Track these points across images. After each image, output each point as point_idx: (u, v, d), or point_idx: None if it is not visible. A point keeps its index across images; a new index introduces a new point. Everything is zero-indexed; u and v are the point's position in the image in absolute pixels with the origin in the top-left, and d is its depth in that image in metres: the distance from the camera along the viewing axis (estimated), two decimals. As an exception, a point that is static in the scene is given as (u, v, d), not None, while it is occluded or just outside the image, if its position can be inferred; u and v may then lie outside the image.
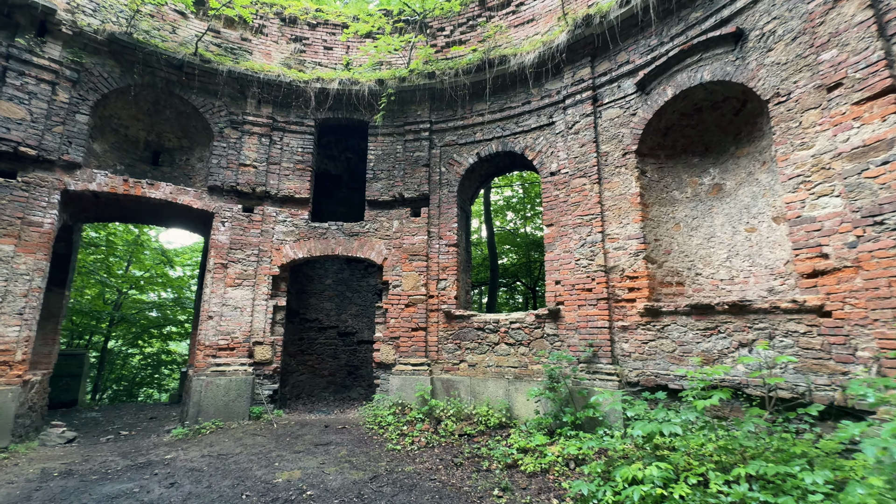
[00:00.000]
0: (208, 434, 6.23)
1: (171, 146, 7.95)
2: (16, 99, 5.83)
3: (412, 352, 7.19)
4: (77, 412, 9.03)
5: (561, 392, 5.60)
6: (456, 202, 7.63)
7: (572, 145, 6.57)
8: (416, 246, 7.54)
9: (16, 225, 5.71)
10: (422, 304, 7.31)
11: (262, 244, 7.49)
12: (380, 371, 7.41)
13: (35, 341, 6.93)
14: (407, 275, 7.46)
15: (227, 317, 7.07)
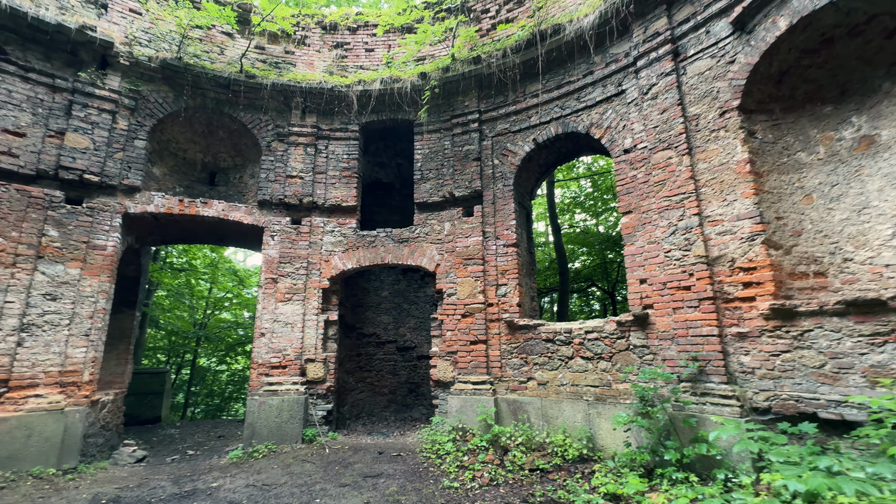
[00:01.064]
0: (260, 458, 5.90)
1: (226, 165, 8.08)
2: (80, 129, 6.13)
3: (472, 368, 6.34)
4: (159, 429, 9.43)
5: (658, 419, 4.39)
6: (513, 197, 6.74)
7: (650, 113, 5.39)
8: (471, 249, 6.74)
9: (81, 249, 5.93)
10: (480, 314, 6.46)
11: (310, 256, 7.21)
12: (438, 390, 6.65)
13: (109, 361, 7.23)
14: (462, 281, 6.68)
15: (279, 333, 6.81)
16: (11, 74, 5.77)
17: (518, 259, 6.56)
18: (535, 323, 6.12)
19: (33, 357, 5.40)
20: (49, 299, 5.61)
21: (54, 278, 5.68)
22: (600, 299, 14.98)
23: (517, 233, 6.67)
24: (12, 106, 5.74)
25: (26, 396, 5.29)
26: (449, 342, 6.60)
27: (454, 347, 6.53)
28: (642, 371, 4.66)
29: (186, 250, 14.21)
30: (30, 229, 5.62)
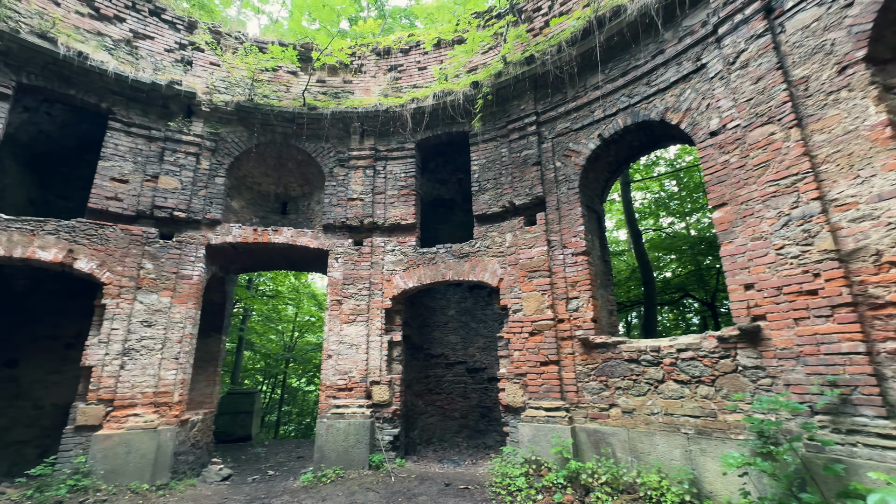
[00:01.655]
0: (327, 484, 5.81)
1: (296, 194, 8.53)
2: (170, 172, 6.85)
3: (543, 392, 5.70)
4: (249, 447, 9.99)
5: (786, 462, 3.42)
6: (579, 201, 6.09)
7: (741, 85, 4.51)
8: (535, 260, 6.19)
9: (171, 279, 6.51)
10: (549, 331, 5.83)
11: (372, 276, 7.19)
12: (508, 416, 6.08)
13: (199, 382, 7.79)
14: (527, 296, 6.13)
15: (344, 355, 6.81)
16: (118, 130, 6.66)
17: (590, 269, 5.86)
18: (614, 340, 5.33)
19: (132, 379, 5.96)
20: (145, 326, 6.19)
21: (150, 307, 6.28)
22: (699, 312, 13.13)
23: (587, 240, 5.99)
24: (118, 157, 6.60)
25: (127, 415, 5.81)
26: (517, 363, 6.04)
27: (523, 369, 5.95)
28: (758, 399, 3.71)
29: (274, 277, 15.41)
30: (131, 263, 6.32)
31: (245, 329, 15.65)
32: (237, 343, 15.66)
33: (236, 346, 15.66)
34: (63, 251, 5.91)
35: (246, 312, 15.79)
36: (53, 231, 5.92)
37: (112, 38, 7.00)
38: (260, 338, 16.11)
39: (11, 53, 5.86)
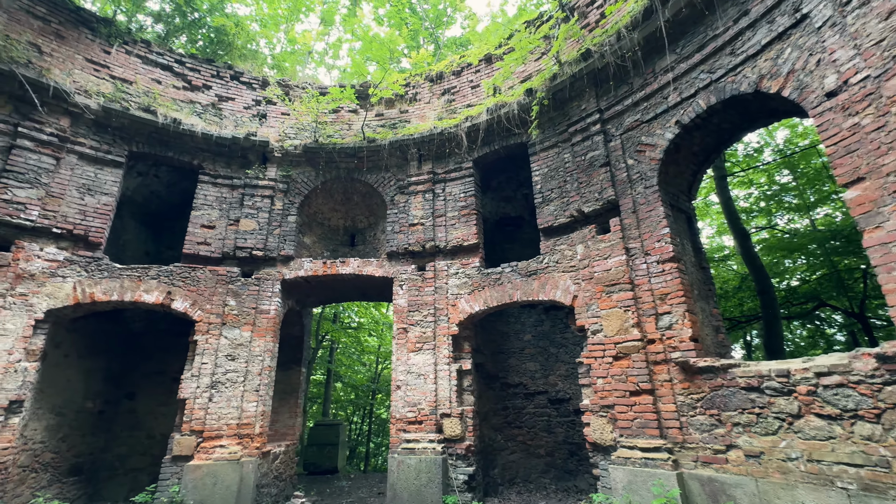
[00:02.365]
0: (399, 527, 5.43)
1: (363, 226, 8.74)
2: (249, 215, 7.42)
3: (637, 428, 4.78)
4: (335, 480, 10.05)
5: None
6: (660, 200, 5.25)
7: (864, 26, 3.53)
8: (613, 272, 5.41)
9: (251, 314, 6.90)
10: (637, 354, 4.95)
11: (437, 302, 6.92)
12: (596, 455, 5.21)
13: (281, 415, 8.04)
14: (607, 314, 5.33)
15: (412, 385, 6.53)
16: (206, 182, 7.44)
17: (681, 277, 4.92)
18: (724, 364, 4.31)
19: (219, 411, 6.29)
20: (229, 359, 6.57)
21: (233, 341, 6.68)
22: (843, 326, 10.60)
23: (674, 244, 5.08)
24: (206, 206, 7.33)
25: (214, 446, 6.10)
26: (601, 392, 5.20)
27: (609, 399, 5.10)
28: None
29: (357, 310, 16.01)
30: (217, 301, 6.83)
31: (333, 362, 16.33)
32: (326, 375, 16.35)
33: (325, 379, 16.35)
34: (163, 293, 6.59)
35: (333, 345, 16.51)
36: (155, 276, 6.65)
37: (201, 104, 7.98)
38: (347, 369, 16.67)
39: (123, 128, 6.90)
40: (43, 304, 5.85)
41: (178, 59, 7.97)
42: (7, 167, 5.90)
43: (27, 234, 5.94)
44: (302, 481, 9.92)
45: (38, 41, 6.61)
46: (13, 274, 5.68)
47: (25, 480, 5.95)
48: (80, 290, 6.11)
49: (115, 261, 7.14)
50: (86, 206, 6.45)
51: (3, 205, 5.77)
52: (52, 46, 6.73)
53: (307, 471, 10.71)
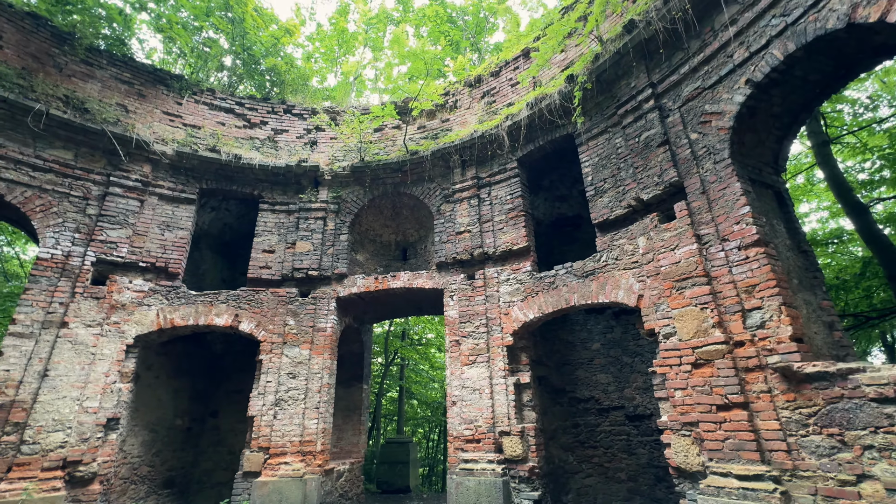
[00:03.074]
0: (458, 555, 5.03)
1: (413, 239, 8.70)
2: (304, 237, 7.74)
3: (730, 451, 3.93)
4: (407, 500, 9.87)
5: None
6: (735, 174, 4.43)
7: None
8: (682, 265, 4.64)
9: (309, 332, 7.10)
10: (722, 360, 4.12)
11: (488, 311, 6.54)
12: (683, 482, 4.39)
13: (346, 432, 8.10)
14: (680, 314, 4.56)
15: (467, 401, 6.17)
16: (265, 210, 7.93)
17: (772, 264, 4.05)
18: (841, 368, 3.39)
19: (282, 428, 6.47)
20: (290, 378, 6.78)
21: (293, 359, 6.89)
22: None
23: (759, 224, 4.22)
24: (267, 232, 7.79)
25: (279, 463, 6.26)
26: (681, 407, 4.41)
27: (692, 415, 4.30)
28: None
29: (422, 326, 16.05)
30: (278, 321, 7.14)
31: (404, 379, 16.44)
32: (398, 393, 16.49)
33: (398, 396, 16.49)
34: (231, 316, 7.05)
35: (403, 362, 16.66)
36: (224, 300, 7.15)
37: (259, 139, 8.62)
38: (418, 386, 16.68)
39: (194, 168, 7.64)
40: (132, 331, 6.54)
41: (238, 102, 8.73)
42: (102, 212, 6.77)
43: (119, 269, 6.73)
44: (375, 500, 9.90)
45: (125, 102, 7.63)
46: (108, 305, 6.44)
47: (126, 491, 6.58)
48: (162, 317, 6.75)
49: (195, 288, 7.85)
50: (165, 241, 7.17)
51: (100, 245, 6.61)
52: (135, 105, 7.73)
53: (380, 489, 10.69)
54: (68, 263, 6.33)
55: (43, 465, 5.45)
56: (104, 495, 5.95)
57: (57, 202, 6.51)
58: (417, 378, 16.85)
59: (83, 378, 5.97)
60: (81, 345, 6.09)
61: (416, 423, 19.59)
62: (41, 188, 6.43)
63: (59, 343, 5.95)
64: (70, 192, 6.65)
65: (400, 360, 16.78)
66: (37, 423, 5.56)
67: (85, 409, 5.89)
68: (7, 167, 6.23)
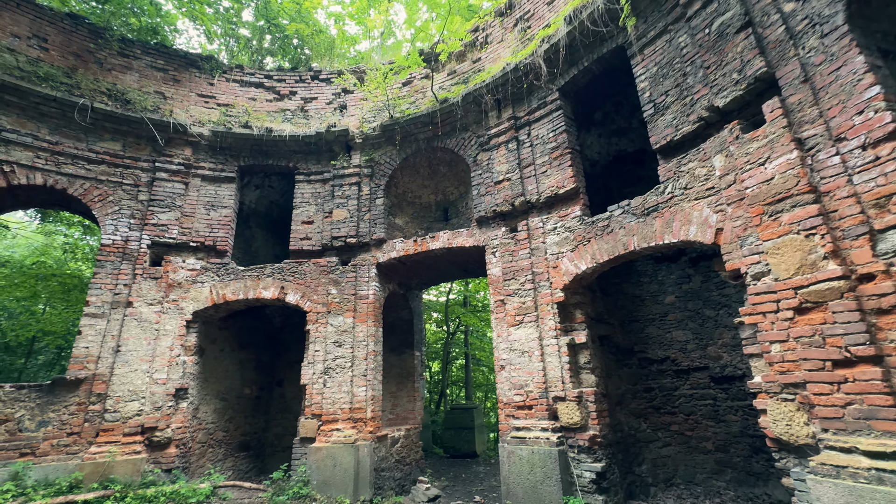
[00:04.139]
0: (511, 529, 4.61)
1: (454, 198, 8.09)
2: (340, 205, 7.52)
3: (854, 420, 2.94)
4: (474, 465, 9.74)
5: None
6: (854, 45, 3.18)
7: None
8: (777, 182, 3.52)
9: (351, 300, 6.94)
10: (840, 302, 3.06)
11: (534, 266, 5.81)
12: (785, 457, 3.46)
13: (400, 399, 7.99)
14: (775, 246, 3.50)
15: (516, 365, 5.60)
16: (302, 182, 7.81)
17: (919, 162, 2.84)
18: None
19: (332, 395, 6.46)
20: (336, 346, 6.71)
21: (338, 328, 6.80)
22: None
23: (895, 110, 2.98)
24: (305, 203, 7.69)
25: (331, 430, 6.27)
26: (780, 365, 3.43)
27: (795, 375, 3.31)
28: None
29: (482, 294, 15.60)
30: (322, 291, 7.07)
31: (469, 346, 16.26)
32: (465, 360, 16.39)
33: (465, 364, 16.40)
34: (277, 289, 7.11)
35: (467, 329, 16.44)
36: (270, 274, 7.23)
37: (290, 110, 8.45)
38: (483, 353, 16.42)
39: (230, 147, 7.69)
40: (190, 307, 6.85)
41: (266, 75, 8.60)
42: (152, 197, 7.08)
43: (172, 250, 7.04)
44: (442, 464, 9.91)
45: (161, 88, 7.83)
46: (165, 284, 6.78)
47: (205, 454, 7.09)
48: (214, 293, 6.99)
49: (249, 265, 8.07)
50: (211, 220, 7.36)
51: (153, 228, 6.94)
52: (171, 90, 7.90)
53: (447, 454, 10.69)
54: (127, 248, 6.73)
55: (124, 430, 5.96)
56: (182, 457, 6.43)
57: (112, 191, 6.90)
58: (481, 345, 16.58)
59: (150, 352, 6.39)
60: (146, 322, 6.49)
61: (486, 389, 19.50)
62: (97, 179, 6.83)
63: (126, 321, 6.39)
64: (122, 180, 7.01)
65: (464, 328, 16.59)
66: (115, 393, 6.06)
67: (155, 380, 6.33)
68: (66, 162, 6.68)
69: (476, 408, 11.14)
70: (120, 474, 5.64)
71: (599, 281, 6.39)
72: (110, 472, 5.60)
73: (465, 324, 15.84)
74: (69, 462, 5.60)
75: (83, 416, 5.89)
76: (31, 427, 5.63)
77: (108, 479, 5.50)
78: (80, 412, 5.88)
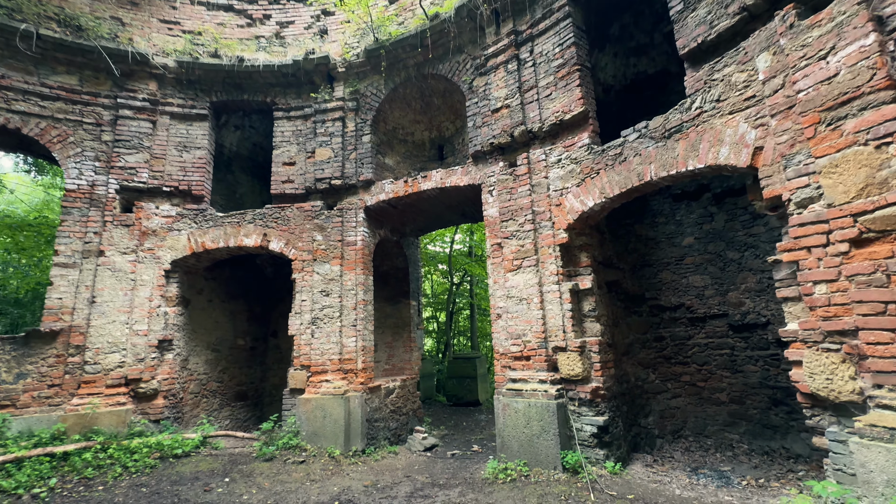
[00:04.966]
0: (505, 483, 4.32)
1: (450, 133, 7.31)
2: (323, 143, 6.81)
3: (920, 374, 2.36)
4: (477, 413, 9.66)
5: None
6: None
7: None
8: (842, 78, 2.73)
9: (338, 247, 6.43)
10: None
11: (535, 204, 5.15)
12: (820, 414, 2.95)
13: (396, 349, 7.70)
14: (831, 163, 2.77)
15: (513, 313, 5.10)
16: (281, 119, 7.07)
17: None
18: None
19: (321, 346, 6.13)
20: (324, 295, 6.29)
21: (324, 276, 6.35)
22: None
23: None
24: (285, 143, 7.00)
25: (321, 381, 6.00)
26: (825, 309, 2.82)
27: (844, 321, 2.72)
28: None
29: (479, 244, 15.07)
30: (307, 238, 6.56)
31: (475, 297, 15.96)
32: (470, 310, 16.16)
33: (470, 314, 16.19)
34: (259, 236, 6.62)
35: (473, 279, 16.08)
36: (251, 220, 6.71)
37: (265, 37, 7.52)
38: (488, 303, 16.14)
39: (200, 80, 6.91)
40: (167, 256, 6.44)
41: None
42: (117, 137, 6.46)
43: (144, 196, 6.52)
44: (444, 412, 9.85)
45: (118, 14, 6.95)
46: (139, 231, 6.33)
47: (199, 404, 6.99)
48: (193, 241, 6.54)
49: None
50: (184, 163, 6.76)
51: (121, 171, 6.38)
52: (130, 16, 7.02)
53: (451, 402, 10.64)
54: (94, 193, 6.22)
55: (106, 382, 5.76)
56: (173, 408, 6.29)
57: (72, 131, 6.29)
58: (486, 295, 16.27)
59: (128, 303, 6.07)
60: (120, 272, 6.12)
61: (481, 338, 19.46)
62: (54, 118, 6.20)
63: (99, 271, 6.02)
64: (82, 119, 6.37)
65: (469, 279, 16.23)
66: (94, 345, 5.81)
67: (135, 331, 6.05)
68: (16, 98, 6.04)
69: (479, 357, 10.95)
70: (105, 426, 5.50)
71: (609, 221, 5.73)
72: (94, 423, 5.45)
73: (471, 274, 15.45)
74: (52, 414, 5.46)
75: (63, 368, 5.68)
76: (9, 379, 5.45)
77: (91, 431, 5.36)
78: (59, 364, 5.67)
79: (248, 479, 4.75)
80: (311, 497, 4.27)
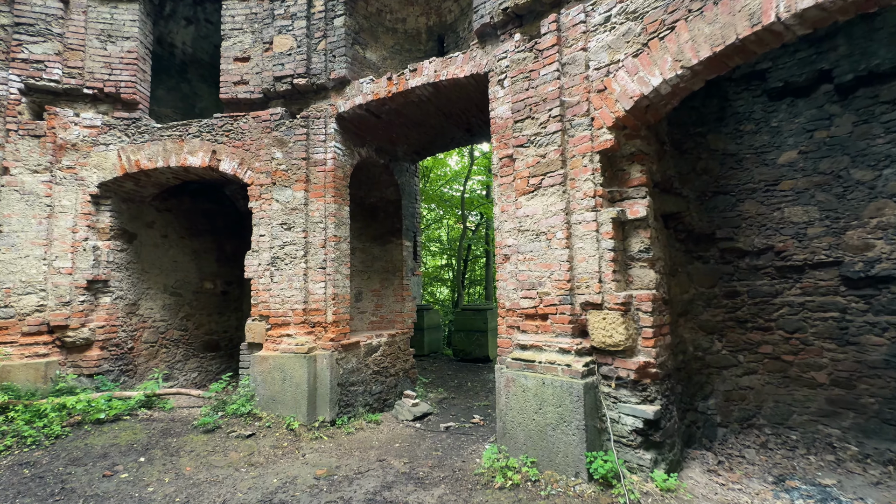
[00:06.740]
0: (504, 490, 3.04)
1: (452, 19, 5.44)
2: (283, 29, 5.12)
3: None
4: (486, 371, 8.50)
5: None
6: None
7: None
8: None
9: (302, 168, 4.95)
10: None
11: (565, 92, 3.43)
12: None
13: (385, 298, 6.40)
14: None
15: (526, 253, 3.57)
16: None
17: None
18: None
19: (282, 293, 4.85)
20: (285, 229, 4.92)
21: (286, 205, 4.94)
22: None
23: None
24: (237, 31, 5.35)
25: (280, 335, 4.79)
26: None
27: None
28: None
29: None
30: (265, 156, 5.09)
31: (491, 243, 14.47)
32: (485, 258, 14.76)
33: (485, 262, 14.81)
34: (208, 154, 5.19)
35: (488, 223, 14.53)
36: (197, 133, 5.25)
37: None
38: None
39: (120, -59, 5.20)
40: (93, 177, 5.13)
41: None
42: (16, 19, 4.96)
43: (61, 99, 5.13)
44: (449, 368, 8.76)
45: None
46: (53, 145, 4.99)
47: (157, 355, 6.00)
48: (124, 158, 5.18)
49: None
50: (110, 58, 5.25)
51: (24, 65, 4.95)
52: None
53: (456, 357, 9.53)
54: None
55: (22, 329, 4.71)
56: (118, 360, 5.29)
57: (-45, 9, 4.82)
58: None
59: (44, 234, 4.87)
60: (31, 195, 4.87)
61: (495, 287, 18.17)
62: (-72, -10, 4.73)
63: (4, 193, 4.79)
64: (-31, -7, 4.86)
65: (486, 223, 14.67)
66: (3, 284, 4.71)
67: (56, 269, 4.90)
68: None
69: (491, 308, 9.62)
70: (20, 381, 4.51)
71: (671, 127, 3.97)
72: (6, 377, 4.46)
73: (488, 217, 13.85)
74: (-45, 365, 4.49)
75: (-33, 311, 4.64)
76: None
77: (1, 388, 4.38)
78: (-39, 306, 4.63)
79: (170, 458, 3.66)
80: (236, 494, 3.13)
